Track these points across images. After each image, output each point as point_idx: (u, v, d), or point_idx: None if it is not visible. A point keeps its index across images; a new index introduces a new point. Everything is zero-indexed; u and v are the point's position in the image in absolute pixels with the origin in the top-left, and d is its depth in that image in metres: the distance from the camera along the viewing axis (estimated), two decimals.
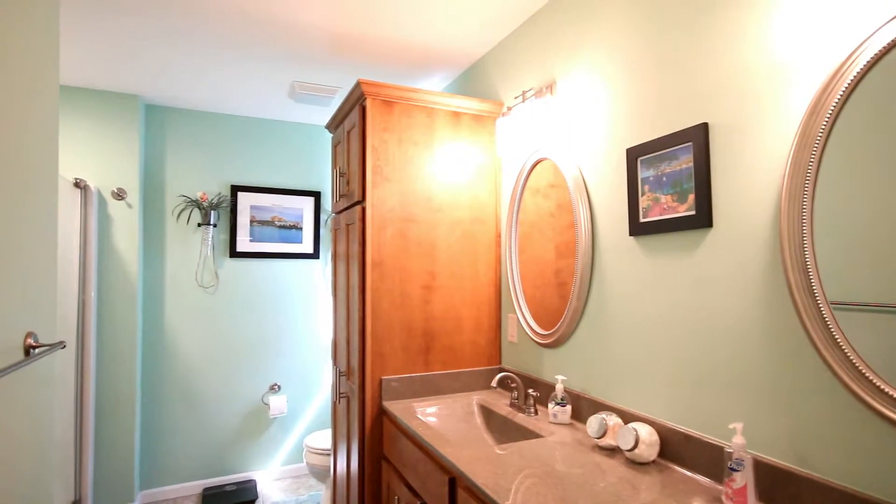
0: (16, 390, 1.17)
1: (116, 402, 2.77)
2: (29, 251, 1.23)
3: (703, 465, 1.23)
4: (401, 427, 1.75)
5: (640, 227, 1.39)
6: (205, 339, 3.10)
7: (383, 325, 1.95)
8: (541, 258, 1.87)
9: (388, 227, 1.96)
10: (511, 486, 1.17)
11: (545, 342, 1.83)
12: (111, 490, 2.75)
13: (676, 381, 1.32)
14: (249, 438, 3.21)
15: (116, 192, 2.76)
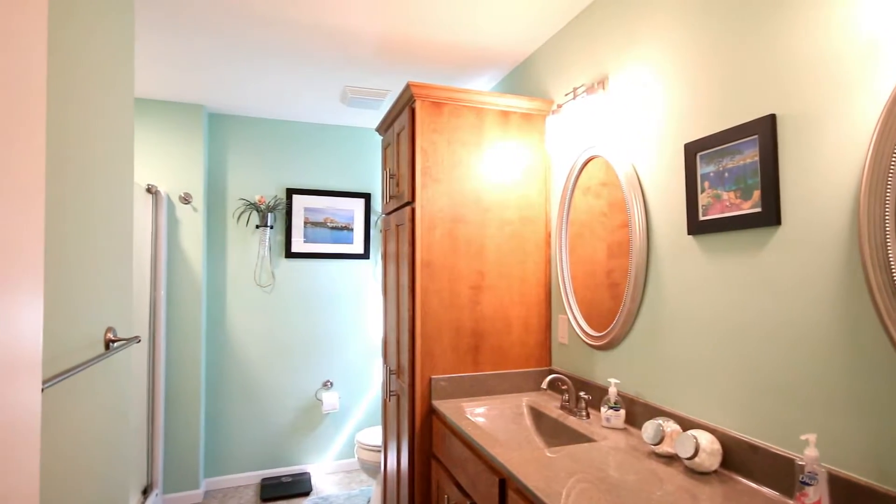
0: (98, 380, 1.27)
1: (183, 394, 2.94)
2: (109, 253, 1.33)
3: (770, 477, 1.16)
4: (450, 426, 1.75)
5: (700, 225, 1.33)
6: (262, 335, 3.25)
7: (433, 325, 1.96)
8: (592, 258, 1.83)
9: (438, 227, 1.97)
10: (563, 490, 1.15)
11: (597, 344, 1.78)
12: (179, 476, 2.93)
13: (741, 388, 1.25)
14: (304, 432, 3.32)
15: (183, 197, 2.94)
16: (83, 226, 1.15)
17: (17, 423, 0.59)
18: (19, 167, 0.59)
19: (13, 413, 0.58)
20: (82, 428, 1.17)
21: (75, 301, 1.11)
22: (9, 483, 0.56)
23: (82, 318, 1.16)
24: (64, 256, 1.05)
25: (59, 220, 1.02)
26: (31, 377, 0.63)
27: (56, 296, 1.02)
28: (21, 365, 0.59)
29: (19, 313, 0.59)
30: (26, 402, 0.61)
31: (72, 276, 1.09)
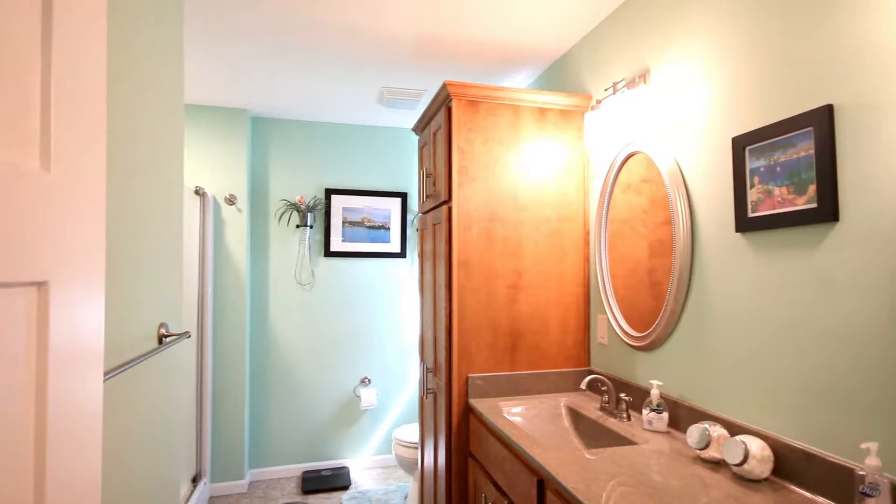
0: (152, 373, 1.34)
1: (229, 388, 3.06)
2: (161, 252, 1.39)
3: (827, 487, 1.10)
4: (487, 425, 1.75)
5: (749, 222, 1.27)
6: (303, 332, 3.33)
7: (470, 324, 1.96)
8: (632, 257, 1.78)
9: (474, 226, 1.97)
10: (602, 493, 1.13)
11: (638, 345, 1.74)
12: (225, 467, 3.05)
13: (794, 392, 1.19)
14: (343, 428, 3.39)
15: (229, 198, 3.05)
16: (137, 226, 1.21)
17: (82, 412, 0.62)
18: (84, 170, 0.62)
19: (78, 403, 0.62)
20: (138, 418, 1.23)
21: (131, 298, 1.18)
22: (74, 468, 0.60)
23: (138, 314, 1.22)
24: (120, 255, 1.11)
25: (115, 220, 1.08)
26: (94, 369, 0.66)
27: (114, 293, 1.07)
28: (85, 357, 0.63)
29: (84, 309, 0.62)
30: (90, 392, 0.65)
31: (128, 275, 1.15)
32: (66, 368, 0.58)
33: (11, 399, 0.50)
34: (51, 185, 0.56)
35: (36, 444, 0.53)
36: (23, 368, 0.52)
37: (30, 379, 0.53)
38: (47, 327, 0.55)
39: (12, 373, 0.50)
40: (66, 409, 0.58)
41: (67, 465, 0.58)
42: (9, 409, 0.49)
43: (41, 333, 0.55)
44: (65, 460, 0.57)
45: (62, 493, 0.56)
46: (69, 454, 0.59)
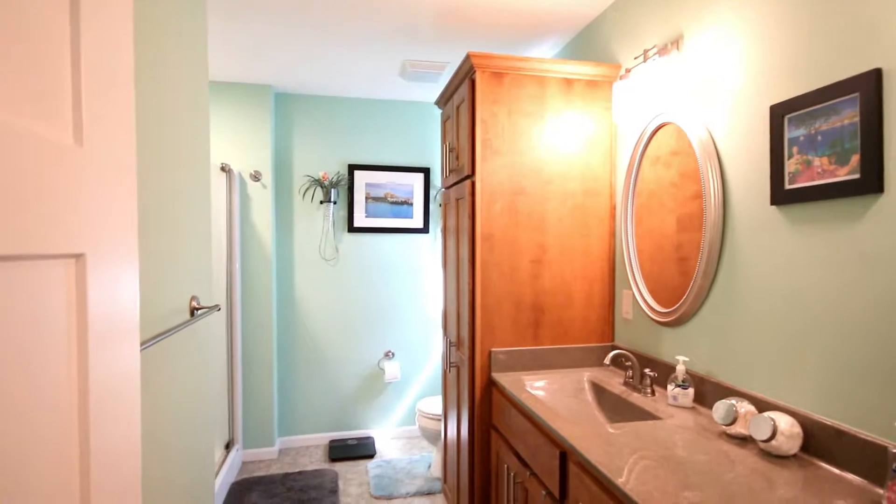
0: (185, 344, 1.39)
1: (258, 359, 3.16)
2: (191, 227, 1.42)
3: (858, 464, 1.08)
4: (510, 399, 1.77)
5: (786, 194, 1.22)
6: (328, 306, 3.39)
7: (493, 299, 1.96)
8: (660, 231, 1.74)
9: (498, 200, 1.95)
10: (625, 466, 1.13)
11: (664, 320, 1.71)
12: (256, 434, 3.17)
13: (827, 369, 1.16)
14: (368, 399, 3.47)
15: (254, 175, 3.09)
16: (167, 202, 1.24)
17: (121, 380, 0.65)
18: (115, 145, 0.63)
19: (117, 371, 0.64)
20: (173, 386, 1.28)
21: (163, 272, 1.21)
22: (115, 433, 0.62)
23: (170, 287, 1.26)
24: (152, 230, 1.14)
25: (145, 195, 1.11)
26: (131, 339, 0.69)
27: (147, 267, 1.11)
28: (122, 327, 0.66)
29: (119, 281, 0.64)
30: (127, 361, 0.67)
31: (160, 249, 1.18)
32: (104, 338, 0.61)
33: (56, 367, 0.52)
34: (84, 160, 0.57)
35: (80, 411, 0.56)
36: (65, 338, 0.54)
37: (72, 348, 0.55)
38: (86, 298, 0.57)
39: (56, 342, 0.52)
40: (105, 377, 0.61)
41: (109, 430, 0.61)
42: (54, 376, 0.52)
43: (80, 304, 0.57)
44: (106, 426, 0.60)
45: (105, 457, 0.59)
46: (110, 420, 0.61)
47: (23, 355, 0.47)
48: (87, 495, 0.55)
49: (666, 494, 1.00)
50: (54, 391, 0.52)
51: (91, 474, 0.55)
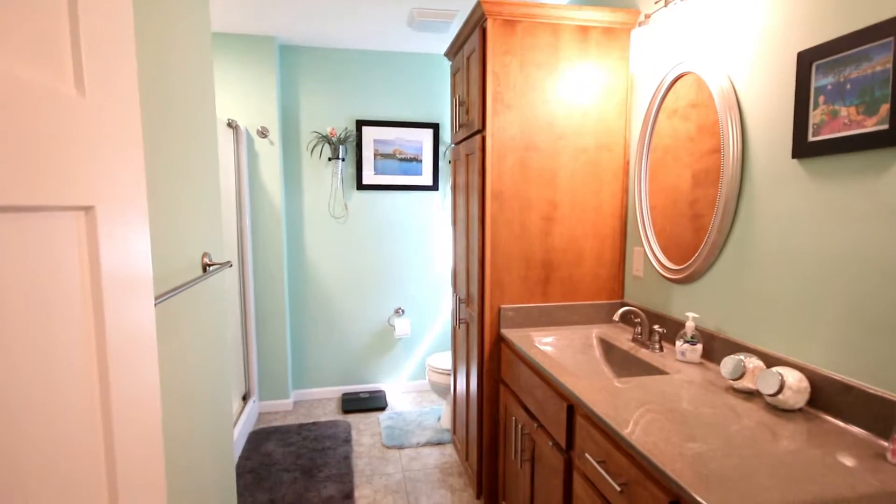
0: (199, 299, 1.41)
1: (271, 315, 3.22)
2: (200, 184, 1.42)
3: (864, 417, 1.09)
4: (519, 354, 1.79)
5: (808, 147, 1.18)
6: (338, 264, 3.42)
7: (502, 256, 1.96)
8: (674, 188, 1.71)
9: (508, 156, 1.91)
10: (631, 419, 1.15)
11: (675, 277, 1.70)
12: (271, 387, 3.28)
13: (842, 326, 1.16)
14: (379, 355, 3.55)
15: (261, 131, 3.05)
16: (175, 157, 1.23)
17: (137, 334, 0.66)
18: (118, 95, 0.62)
19: (133, 325, 0.65)
20: (189, 341, 1.31)
21: (174, 228, 1.21)
22: (135, 385, 0.64)
23: (182, 243, 1.26)
24: (161, 186, 1.13)
25: (153, 150, 1.10)
26: (145, 292, 0.70)
27: (157, 222, 1.11)
28: (136, 281, 0.66)
29: (130, 234, 0.64)
30: (143, 314, 0.68)
31: (169, 204, 1.18)
32: (119, 291, 0.61)
33: (73, 321, 0.53)
34: (88, 110, 0.55)
35: (99, 364, 0.57)
36: (80, 292, 0.55)
37: (87, 301, 0.56)
38: (98, 251, 0.58)
39: (71, 296, 0.53)
40: (122, 330, 0.62)
41: (128, 382, 0.62)
42: (71, 331, 0.52)
43: (93, 258, 0.57)
44: (126, 379, 0.61)
45: (126, 408, 0.61)
46: (129, 372, 0.63)
47: (41, 307, 0.48)
48: (111, 433, 0.57)
49: (670, 445, 1.03)
50: (72, 343, 0.53)
51: (113, 414, 0.57)
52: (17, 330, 0.44)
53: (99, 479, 0.55)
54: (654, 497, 0.99)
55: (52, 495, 0.47)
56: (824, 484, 0.88)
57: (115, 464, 0.57)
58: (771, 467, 0.94)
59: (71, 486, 0.50)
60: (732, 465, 0.95)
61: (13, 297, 0.44)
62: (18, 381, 0.44)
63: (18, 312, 0.45)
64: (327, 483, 2.42)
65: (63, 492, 0.48)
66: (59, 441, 0.49)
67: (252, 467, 2.57)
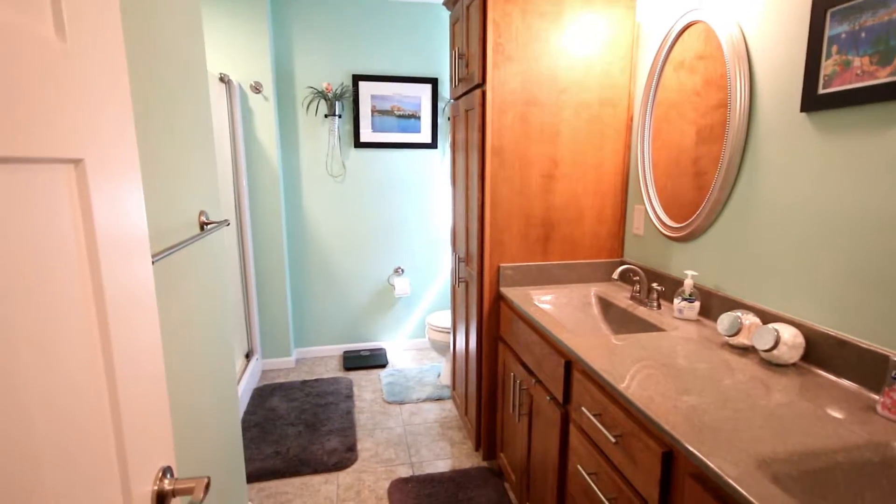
0: (198, 258, 1.41)
1: (270, 274, 3.23)
2: (193, 139, 1.38)
3: (856, 371, 1.11)
4: (518, 312, 1.81)
5: (818, 100, 1.15)
6: (337, 223, 3.41)
7: (502, 214, 1.95)
8: (678, 144, 1.67)
9: (509, 111, 1.86)
10: (627, 374, 1.17)
11: (675, 235, 1.70)
12: (273, 345, 3.33)
13: (841, 282, 1.16)
14: (379, 313, 3.59)
15: (254, 86, 2.96)
16: (166, 110, 1.19)
17: (137, 292, 0.66)
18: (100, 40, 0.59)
19: (132, 283, 0.65)
20: (190, 299, 1.32)
21: (169, 184, 1.19)
22: (137, 344, 0.64)
23: (177, 201, 1.25)
24: (152, 140, 1.11)
25: (142, 103, 1.06)
26: (142, 250, 0.69)
27: (151, 179, 1.09)
28: (131, 236, 0.65)
29: (122, 188, 0.63)
30: (141, 273, 0.68)
31: (162, 162, 1.16)
32: (114, 248, 0.60)
33: (70, 279, 0.52)
34: (70, 56, 0.53)
35: (99, 324, 0.57)
36: (74, 249, 0.54)
37: (82, 259, 0.55)
38: (91, 207, 0.56)
39: (67, 254, 0.52)
40: (121, 288, 0.61)
41: (130, 340, 0.62)
42: (70, 289, 0.52)
43: (86, 214, 0.56)
44: (127, 337, 0.61)
45: (129, 367, 0.61)
46: (130, 330, 0.63)
47: (36, 266, 0.47)
48: (115, 391, 0.57)
49: (665, 398, 1.05)
50: (72, 298, 0.52)
51: (116, 372, 0.58)
52: (13, 292, 0.44)
53: (106, 437, 0.56)
54: (647, 448, 1.02)
55: (60, 455, 0.48)
56: (814, 435, 0.90)
57: (122, 421, 0.58)
58: (763, 419, 0.96)
59: (79, 445, 0.51)
60: (725, 417, 0.97)
61: (7, 258, 0.43)
62: (19, 346, 0.44)
63: (13, 273, 0.44)
64: (330, 436, 2.50)
65: (71, 451, 0.49)
66: (64, 402, 0.49)
67: (257, 422, 2.64)
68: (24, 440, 0.43)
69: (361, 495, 2.08)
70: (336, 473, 2.23)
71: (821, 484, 0.81)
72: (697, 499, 0.88)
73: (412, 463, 2.31)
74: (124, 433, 0.59)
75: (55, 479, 0.47)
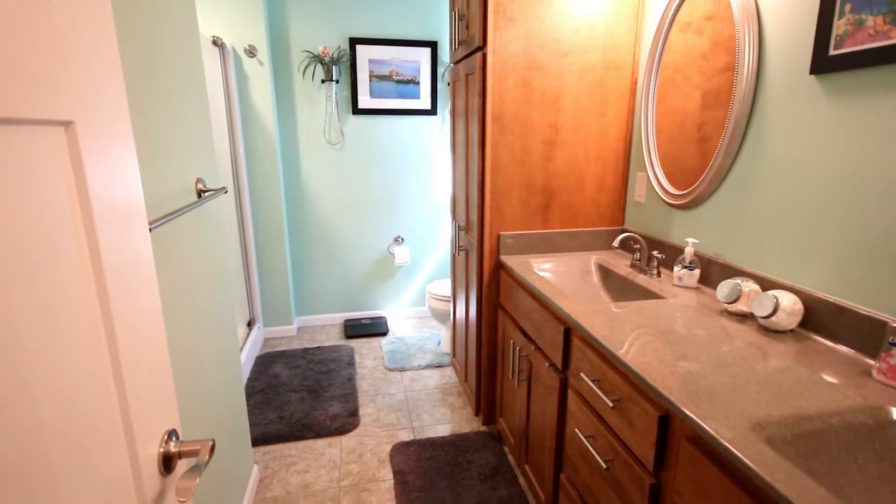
0: (196, 225, 1.40)
1: (270, 243, 3.23)
2: (187, 105, 1.35)
3: (853, 337, 1.12)
4: (518, 280, 1.81)
5: (829, 61, 1.11)
6: (336, 191, 3.38)
7: (503, 182, 1.93)
8: (682, 109, 1.64)
9: (510, 75, 1.82)
10: (626, 340, 1.18)
11: (677, 203, 1.68)
12: (275, 314, 3.36)
13: (845, 249, 1.16)
14: (379, 282, 3.61)
15: (248, 49, 2.88)
16: (158, 74, 1.16)
17: (135, 258, 0.65)
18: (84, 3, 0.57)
19: (130, 250, 0.64)
20: (190, 267, 1.31)
21: (164, 151, 1.17)
22: (137, 310, 0.64)
23: (173, 167, 1.23)
24: (145, 105, 1.08)
25: (133, 66, 1.03)
26: (139, 218, 0.68)
27: (145, 146, 1.07)
28: (127, 204, 0.64)
29: (115, 151, 0.61)
30: (139, 240, 0.67)
31: (157, 128, 1.13)
32: (110, 214, 0.59)
33: (67, 248, 0.52)
34: (52, 9, 0.51)
35: (98, 290, 0.57)
36: (70, 216, 0.53)
37: (78, 224, 0.54)
38: (84, 172, 0.55)
39: (62, 221, 0.51)
40: (119, 256, 0.60)
41: (130, 307, 0.62)
42: (67, 258, 0.51)
43: (80, 179, 0.55)
44: (127, 303, 0.61)
45: (130, 333, 0.61)
46: (129, 297, 0.63)
47: (31, 232, 0.46)
48: (116, 352, 0.57)
49: (663, 364, 1.06)
50: (70, 267, 0.52)
51: (118, 342, 0.58)
52: (10, 260, 0.43)
53: (111, 402, 0.56)
54: (644, 412, 1.03)
55: (65, 421, 0.48)
56: (809, 399, 0.92)
57: (125, 386, 0.58)
58: (759, 384, 0.97)
59: (83, 411, 0.51)
60: (721, 382, 0.98)
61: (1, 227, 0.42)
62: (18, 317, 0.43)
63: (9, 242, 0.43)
64: (333, 402, 2.55)
65: (76, 416, 0.50)
66: (66, 368, 0.49)
67: (261, 388, 2.69)
68: (27, 409, 0.43)
69: (364, 458, 2.13)
70: (339, 437, 2.28)
71: (814, 446, 0.83)
72: (693, 460, 0.90)
73: (413, 427, 2.36)
74: (128, 398, 0.59)
75: (61, 445, 0.47)
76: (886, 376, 0.96)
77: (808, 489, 0.69)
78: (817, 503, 0.67)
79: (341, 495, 1.92)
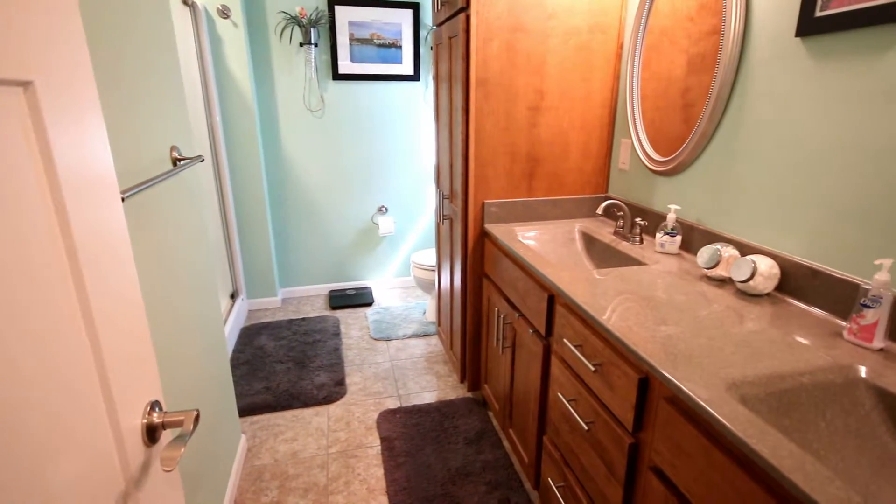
0: (173, 195, 1.36)
1: (251, 213, 3.17)
2: (158, 69, 1.29)
3: (826, 300, 1.15)
4: (502, 248, 1.82)
5: (814, 23, 1.10)
6: (317, 160, 3.31)
7: (487, 150, 1.90)
8: (668, 75, 1.62)
9: (495, 38, 1.77)
10: (608, 306, 1.20)
11: (660, 169, 1.69)
12: (259, 285, 3.33)
13: (822, 215, 1.18)
14: (364, 252, 3.59)
15: (221, 10, 2.76)
16: (123, 38, 1.10)
17: (107, 229, 0.63)
18: None
19: (101, 220, 0.62)
20: (167, 238, 1.29)
21: (135, 117, 1.13)
22: (112, 280, 0.62)
23: (146, 135, 1.18)
24: (112, 68, 1.03)
25: (95, 29, 0.98)
26: (110, 188, 0.65)
27: (114, 111, 1.02)
28: (96, 171, 0.61)
29: (80, 114, 0.58)
30: (110, 209, 0.65)
31: (125, 92, 1.08)
32: (79, 181, 0.57)
33: (34, 215, 0.49)
34: None
35: (70, 261, 0.55)
36: (35, 183, 0.50)
37: (44, 192, 0.52)
38: (46, 136, 0.52)
39: (27, 189, 0.49)
40: (89, 226, 0.58)
41: (104, 277, 0.60)
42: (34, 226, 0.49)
43: (42, 144, 0.52)
44: (100, 274, 0.59)
45: (106, 303, 0.60)
46: (103, 267, 0.61)
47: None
48: (92, 324, 0.56)
49: (644, 328, 1.08)
50: (39, 240, 0.50)
51: (91, 305, 0.56)
52: None
53: (89, 374, 0.55)
54: (625, 375, 1.06)
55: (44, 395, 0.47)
56: (782, 359, 0.95)
57: (103, 358, 0.57)
58: (735, 346, 1.00)
59: (61, 384, 0.50)
60: (699, 344, 1.01)
61: None
62: None
63: None
64: (319, 372, 2.57)
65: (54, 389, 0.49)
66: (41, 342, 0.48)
67: (246, 359, 2.69)
68: (3, 382, 0.42)
69: (351, 426, 2.17)
70: (326, 406, 2.31)
71: (785, 404, 0.86)
72: (670, 420, 0.93)
73: (399, 395, 2.40)
74: (107, 370, 0.58)
75: (41, 419, 0.46)
76: (857, 336, 1.00)
77: (778, 444, 0.72)
78: (786, 456, 0.70)
79: (329, 462, 1.95)
